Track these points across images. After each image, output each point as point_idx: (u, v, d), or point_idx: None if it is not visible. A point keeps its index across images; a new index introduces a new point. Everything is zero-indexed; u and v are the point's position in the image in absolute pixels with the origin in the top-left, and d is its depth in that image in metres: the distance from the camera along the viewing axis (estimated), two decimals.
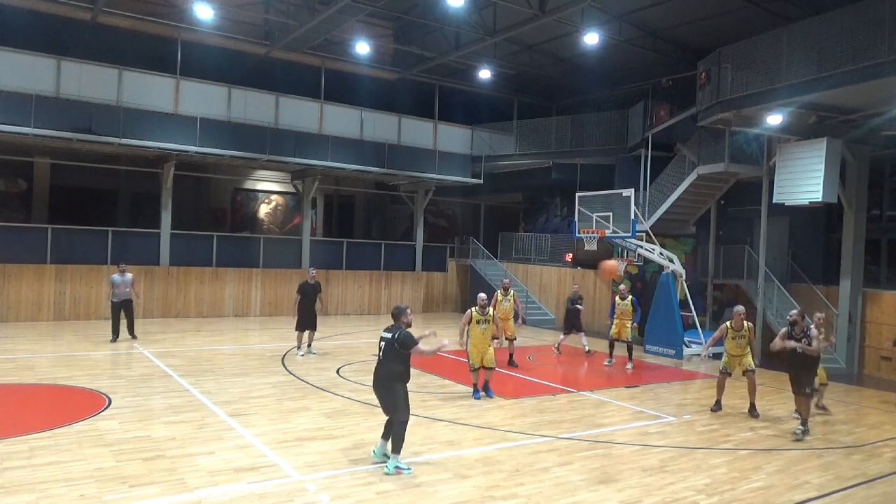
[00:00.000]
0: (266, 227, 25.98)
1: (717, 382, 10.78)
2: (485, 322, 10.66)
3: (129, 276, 14.93)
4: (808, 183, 14.77)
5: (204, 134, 18.64)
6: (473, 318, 10.66)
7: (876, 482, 7.51)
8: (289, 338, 15.97)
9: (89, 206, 21.79)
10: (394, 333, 7.18)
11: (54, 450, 7.13)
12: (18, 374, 11.12)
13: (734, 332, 10.55)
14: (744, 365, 10.52)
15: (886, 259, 16.96)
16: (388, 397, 7.15)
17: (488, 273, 24.39)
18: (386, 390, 7.16)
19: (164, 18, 19.21)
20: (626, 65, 21.32)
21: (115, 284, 14.71)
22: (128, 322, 14.93)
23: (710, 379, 12.86)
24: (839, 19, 12.50)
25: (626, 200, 16.62)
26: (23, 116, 16.18)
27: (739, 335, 10.53)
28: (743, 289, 18.53)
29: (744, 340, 10.57)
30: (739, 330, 10.53)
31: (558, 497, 6.51)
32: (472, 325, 10.64)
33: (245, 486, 6.33)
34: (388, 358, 7.19)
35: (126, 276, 14.84)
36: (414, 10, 19.86)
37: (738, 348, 10.56)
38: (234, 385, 10.79)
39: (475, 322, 10.65)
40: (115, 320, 14.74)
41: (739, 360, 10.59)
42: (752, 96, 14.07)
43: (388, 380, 7.14)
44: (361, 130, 21.66)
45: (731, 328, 10.58)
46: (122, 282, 14.75)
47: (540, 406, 10.37)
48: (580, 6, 16.38)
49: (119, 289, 14.70)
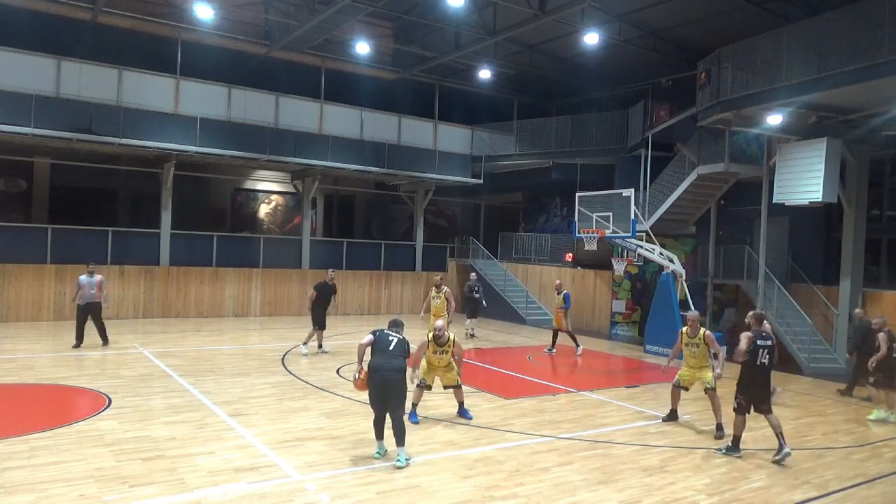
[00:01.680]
0: (266, 227, 25.99)
1: (671, 393, 9.86)
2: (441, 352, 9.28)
3: (97, 277, 13.74)
4: (808, 183, 14.77)
5: (204, 134, 18.64)
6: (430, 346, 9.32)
7: (876, 482, 7.51)
8: (289, 338, 15.99)
9: (89, 206, 21.78)
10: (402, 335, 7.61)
11: (54, 450, 7.13)
12: (18, 374, 11.12)
13: (688, 339, 9.52)
14: (703, 382, 9.39)
15: (886, 259, 16.96)
16: (398, 392, 7.20)
17: (488, 273, 24.40)
18: (398, 384, 7.20)
19: (164, 18, 19.22)
20: (626, 65, 21.32)
21: (81, 286, 13.54)
22: (98, 327, 13.77)
23: None
24: (839, 19, 12.52)
25: (626, 200, 16.64)
26: (23, 116, 16.19)
27: (693, 342, 9.47)
28: (743, 289, 18.54)
29: (698, 350, 9.43)
30: (693, 337, 9.46)
31: (558, 497, 6.51)
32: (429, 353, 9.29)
33: (245, 486, 6.33)
34: (399, 353, 7.38)
35: (94, 278, 13.66)
36: (414, 10, 19.87)
37: (693, 358, 9.51)
38: (234, 385, 10.79)
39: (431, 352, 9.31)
40: (80, 324, 13.56)
41: (696, 375, 9.52)
42: (752, 96, 14.07)
43: (400, 373, 7.24)
44: (361, 130, 21.67)
45: (686, 335, 9.57)
46: (88, 283, 13.57)
47: (540, 406, 10.37)
48: (580, 6, 16.38)
49: (84, 290, 13.51)
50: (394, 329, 7.75)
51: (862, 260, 16.17)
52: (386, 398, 7.17)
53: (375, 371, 7.22)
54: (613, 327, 20.44)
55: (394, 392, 7.17)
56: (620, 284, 20.50)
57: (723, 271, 19.34)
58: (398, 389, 7.19)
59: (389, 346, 7.37)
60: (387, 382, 7.15)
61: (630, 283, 20.65)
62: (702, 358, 9.45)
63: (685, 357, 9.68)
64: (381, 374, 7.18)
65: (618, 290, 20.56)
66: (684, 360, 9.74)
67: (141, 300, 19.01)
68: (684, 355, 9.69)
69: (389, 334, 7.55)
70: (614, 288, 20.53)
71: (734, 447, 8.20)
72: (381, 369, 7.20)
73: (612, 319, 20.50)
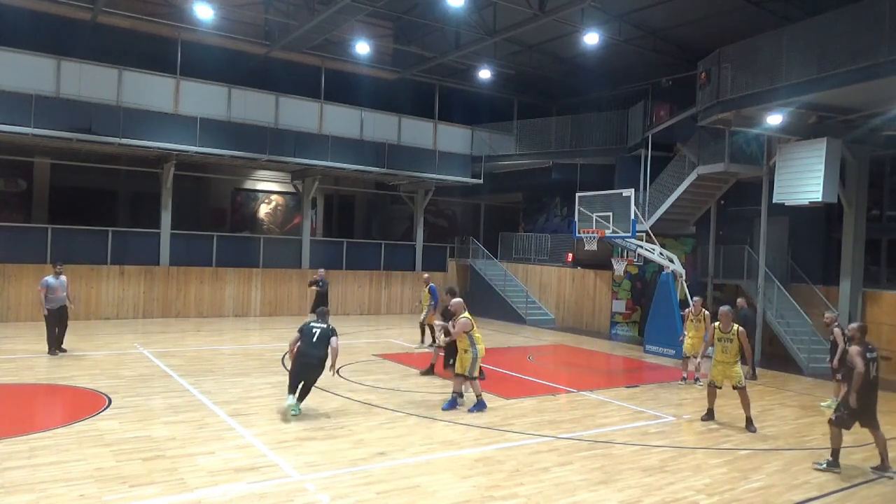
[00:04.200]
0: (266, 227, 25.99)
1: (707, 392, 10.02)
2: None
3: (63, 278, 12.85)
4: (808, 183, 14.76)
5: (204, 134, 18.64)
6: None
7: (876, 482, 7.51)
8: (289, 338, 15.96)
9: (89, 206, 21.78)
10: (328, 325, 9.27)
11: (54, 450, 7.13)
12: (18, 374, 11.11)
13: (721, 334, 9.60)
14: (732, 379, 9.49)
15: (886, 259, 16.96)
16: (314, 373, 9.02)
17: (488, 273, 24.41)
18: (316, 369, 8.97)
19: (164, 18, 19.22)
20: (626, 65, 21.32)
21: (52, 288, 12.55)
22: (62, 333, 12.82)
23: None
24: (839, 19, 12.52)
25: (626, 200, 16.64)
26: (23, 116, 16.19)
27: (726, 338, 9.53)
28: (743, 289, 18.53)
29: (731, 345, 9.48)
30: (726, 332, 9.54)
31: (558, 497, 6.51)
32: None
33: (245, 486, 6.32)
34: (321, 343, 9.02)
35: (62, 279, 12.77)
36: (414, 10, 19.87)
37: (724, 353, 9.56)
38: (234, 385, 10.79)
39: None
40: (53, 330, 12.67)
41: (727, 372, 9.55)
42: (752, 96, 14.07)
43: (320, 360, 8.96)
44: (361, 130, 21.67)
45: (719, 329, 9.66)
46: (58, 285, 12.65)
47: (540, 406, 10.36)
48: (580, 6, 16.39)
49: (56, 293, 12.56)
50: (319, 319, 9.45)
51: (862, 260, 16.17)
52: (305, 377, 9.01)
53: (301, 356, 8.99)
54: (613, 327, 20.44)
55: (311, 373, 9.06)
56: (620, 284, 20.50)
57: (723, 271, 19.34)
58: (315, 372, 9.04)
59: (313, 338, 9.06)
60: (307, 367, 8.97)
61: (630, 283, 20.65)
62: (733, 354, 9.48)
63: (716, 352, 9.67)
64: (305, 359, 8.95)
65: (618, 290, 20.56)
66: (714, 357, 9.73)
67: (141, 300, 19.01)
68: (715, 350, 9.69)
69: (314, 326, 9.22)
70: (614, 288, 20.53)
71: (834, 462, 7.75)
72: (305, 356, 8.95)
73: (612, 319, 20.51)
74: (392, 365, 13.24)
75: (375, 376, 11.63)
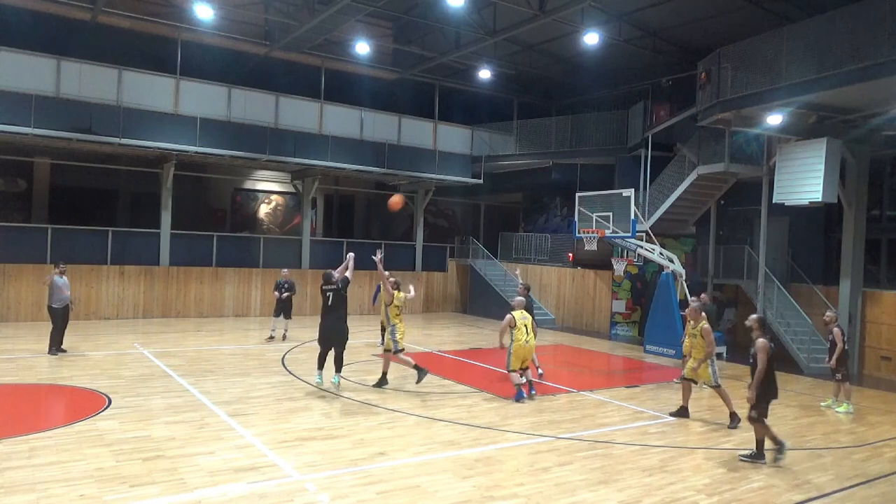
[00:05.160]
0: (266, 227, 25.98)
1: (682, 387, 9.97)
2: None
3: (65, 279, 12.97)
4: (807, 183, 14.75)
5: (204, 134, 18.64)
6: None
7: (876, 482, 7.51)
8: (289, 338, 16.01)
9: (89, 206, 21.78)
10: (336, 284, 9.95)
11: (54, 450, 7.13)
12: (18, 374, 11.11)
13: (690, 329, 9.68)
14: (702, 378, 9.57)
15: (886, 259, 16.94)
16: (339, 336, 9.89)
17: (488, 273, 24.40)
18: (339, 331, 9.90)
19: (164, 18, 19.21)
20: (626, 65, 21.32)
21: (58, 287, 12.69)
22: (62, 332, 12.95)
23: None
24: (839, 19, 12.50)
25: (626, 200, 16.64)
26: (23, 116, 16.19)
27: (692, 333, 9.61)
28: (743, 289, 18.53)
29: (695, 340, 9.54)
30: (694, 328, 9.59)
31: (558, 497, 6.51)
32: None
33: (245, 486, 6.32)
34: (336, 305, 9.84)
35: (65, 279, 12.90)
36: (414, 10, 19.86)
37: (694, 349, 9.66)
38: (234, 385, 10.78)
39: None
40: (58, 329, 12.81)
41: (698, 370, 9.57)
42: (752, 96, 14.06)
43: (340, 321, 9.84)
44: (361, 130, 21.67)
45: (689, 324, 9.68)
46: (63, 284, 12.77)
47: (540, 406, 10.36)
48: (580, 6, 16.39)
49: (62, 292, 12.72)
50: (326, 285, 10.05)
51: (862, 260, 16.16)
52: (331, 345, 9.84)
53: (323, 324, 10.00)
54: (613, 327, 20.45)
55: (336, 340, 9.84)
56: (620, 284, 20.51)
57: (723, 271, 19.33)
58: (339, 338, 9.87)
59: (328, 303, 9.82)
60: (330, 333, 9.86)
61: (630, 283, 20.66)
62: (700, 350, 9.61)
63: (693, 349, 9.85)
64: (326, 325, 9.79)
65: (618, 290, 20.57)
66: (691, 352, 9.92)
67: (141, 300, 19.01)
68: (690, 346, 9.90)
69: (325, 290, 9.95)
70: (614, 288, 20.54)
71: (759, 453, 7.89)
72: (326, 321, 9.82)
73: (612, 319, 20.51)
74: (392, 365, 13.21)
75: (375, 376, 11.62)
